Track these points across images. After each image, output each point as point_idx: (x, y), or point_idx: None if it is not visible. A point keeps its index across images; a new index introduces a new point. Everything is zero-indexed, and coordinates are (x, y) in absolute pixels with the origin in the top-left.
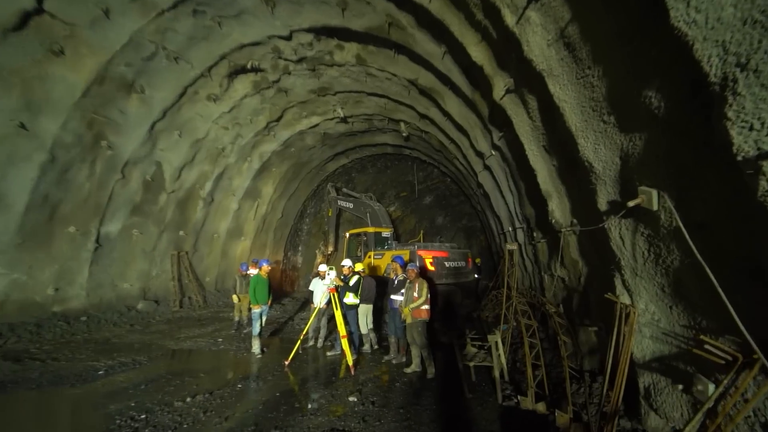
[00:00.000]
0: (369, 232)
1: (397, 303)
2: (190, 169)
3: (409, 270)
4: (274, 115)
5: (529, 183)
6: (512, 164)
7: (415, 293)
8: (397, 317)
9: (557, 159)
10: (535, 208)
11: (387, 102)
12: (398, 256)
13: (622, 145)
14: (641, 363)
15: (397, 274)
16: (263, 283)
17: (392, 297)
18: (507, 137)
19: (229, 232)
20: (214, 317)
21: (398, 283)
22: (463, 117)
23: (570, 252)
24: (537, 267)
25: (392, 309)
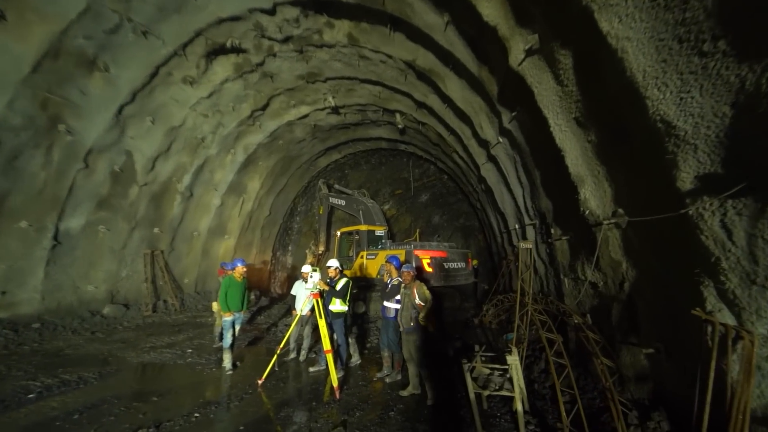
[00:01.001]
0: (362, 231)
1: (391, 311)
2: (166, 160)
3: (404, 273)
4: (259, 103)
5: (549, 169)
6: (525, 150)
7: (417, 299)
8: (390, 328)
9: (596, 132)
10: (554, 199)
11: (382, 90)
12: (393, 256)
13: (738, 83)
14: (761, 416)
15: (392, 276)
16: (237, 287)
17: (385, 304)
18: (522, 116)
19: (211, 230)
20: (191, 323)
21: (392, 287)
22: (467, 101)
23: (609, 251)
24: (553, 269)
25: (385, 318)
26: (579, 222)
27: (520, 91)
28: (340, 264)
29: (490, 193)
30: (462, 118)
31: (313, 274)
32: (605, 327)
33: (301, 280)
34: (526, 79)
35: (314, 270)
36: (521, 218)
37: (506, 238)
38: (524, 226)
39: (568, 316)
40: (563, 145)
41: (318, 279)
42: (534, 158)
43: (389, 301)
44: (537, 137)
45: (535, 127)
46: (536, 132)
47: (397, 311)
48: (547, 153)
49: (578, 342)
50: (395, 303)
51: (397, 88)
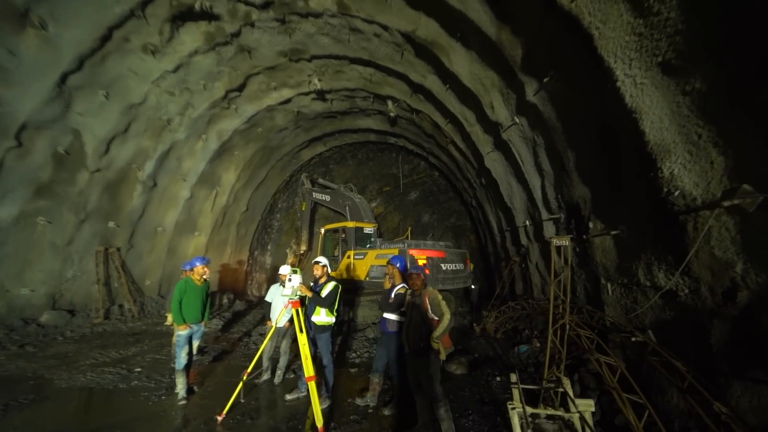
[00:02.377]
0: (348, 228)
1: (395, 325)
2: (123, 143)
3: (414, 277)
4: (234, 83)
5: (591, 147)
6: (554, 128)
7: (429, 312)
8: (392, 347)
9: (707, 76)
10: (597, 185)
11: (373, 72)
12: (396, 256)
13: None
14: None
15: (395, 283)
16: (195, 293)
17: (387, 316)
18: (555, 84)
19: (179, 226)
20: (150, 331)
21: (396, 296)
22: (475, 77)
23: (712, 246)
24: (584, 272)
25: (386, 334)
26: (643, 211)
27: (562, 44)
28: (326, 263)
29: (494, 187)
30: (466, 99)
31: (292, 277)
32: (686, 350)
33: (278, 285)
34: (582, 20)
35: (294, 272)
36: (535, 213)
37: (510, 237)
38: (541, 221)
39: (617, 332)
40: (638, 104)
41: (298, 283)
42: (568, 136)
43: (393, 313)
44: (578, 106)
45: (578, 91)
46: (578, 99)
47: (400, 326)
48: (592, 125)
49: (638, 367)
50: (399, 315)
51: (392, 68)
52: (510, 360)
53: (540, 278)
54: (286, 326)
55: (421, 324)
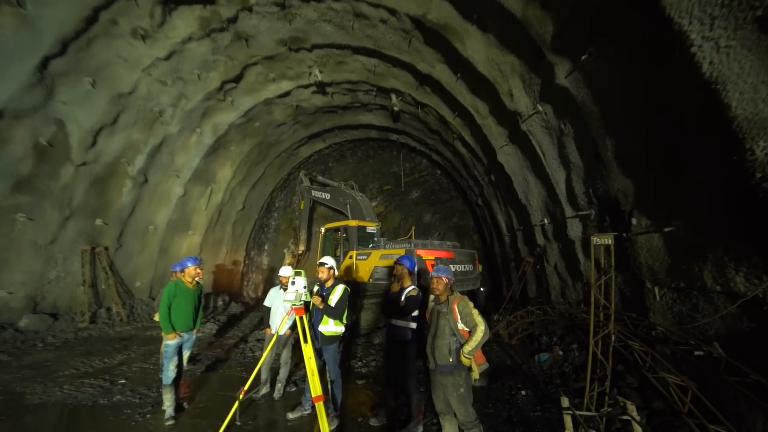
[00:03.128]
0: (350, 227)
1: (406, 333)
2: (111, 136)
3: (435, 281)
4: (230, 73)
5: (636, 132)
6: (590, 113)
7: (459, 323)
8: (403, 358)
9: None
10: (643, 176)
11: (377, 63)
12: (405, 256)
13: None
14: None
15: (403, 286)
16: (186, 297)
17: (395, 323)
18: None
19: (171, 224)
20: (139, 336)
21: (408, 300)
22: (492, 63)
23: None
24: (623, 274)
25: (395, 343)
26: (715, 203)
27: (609, 13)
28: (333, 265)
29: (506, 184)
30: (479, 89)
31: (296, 280)
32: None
33: (279, 287)
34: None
35: (297, 274)
36: (557, 210)
37: (522, 236)
38: (564, 219)
39: (670, 344)
40: (720, 73)
41: (303, 287)
42: (607, 122)
43: (402, 319)
44: (623, 86)
45: (625, 69)
46: (624, 78)
47: (413, 333)
48: (641, 107)
49: (702, 386)
50: (410, 321)
51: (397, 58)
52: (531, 370)
53: (559, 280)
54: (288, 334)
55: (449, 336)
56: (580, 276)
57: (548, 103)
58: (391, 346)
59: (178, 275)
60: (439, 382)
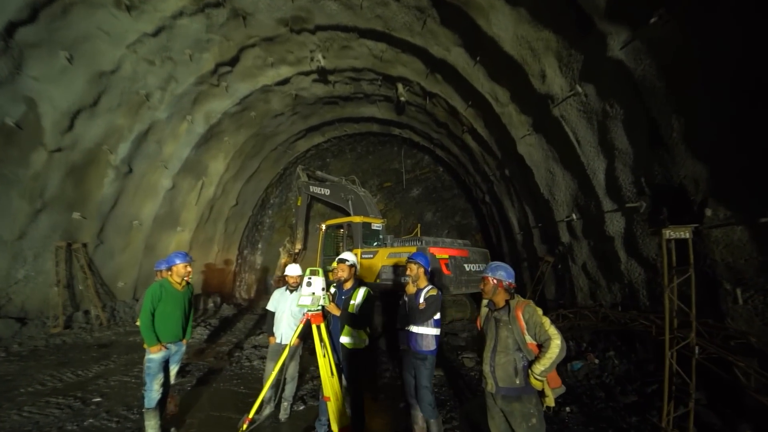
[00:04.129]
0: (355, 223)
1: (429, 342)
2: (91, 119)
3: (488, 281)
4: (226, 55)
5: (714, 109)
6: (654, 87)
7: (527, 335)
8: (421, 370)
9: None
10: (716, 160)
11: (385, 49)
12: (419, 253)
13: None
14: None
15: (419, 286)
16: (175, 301)
17: (415, 329)
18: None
19: (159, 220)
20: (121, 343)
21: (429, 300)
22: (522, 42)
23: None
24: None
25: (418, 354)
26: None
27: None
28: (354, 261)
29: (525, 177)
30: (501, 73)
31: (312, 280)
32: None
33: (284, 289)
34: None
35: (313, 273)
36: (590, 203)
37: (539, 234)
38: (601, 213)
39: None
40: None
41: (321, 289)
42: (676, 98)
43: (421, 325)
44: (700, 54)
45: (706, 32)
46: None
47: (436, 341)
48: (745, 72)
49: None
50: (432, 326)
51: (409, 41)
52: (565, 379)
53: (588, 281)
54: (296, 344)
55: (514, 352)
56: (618, 276)
57: (590, 82)
58: (411, 357)
59: (164, 275)
60: (501, 408)
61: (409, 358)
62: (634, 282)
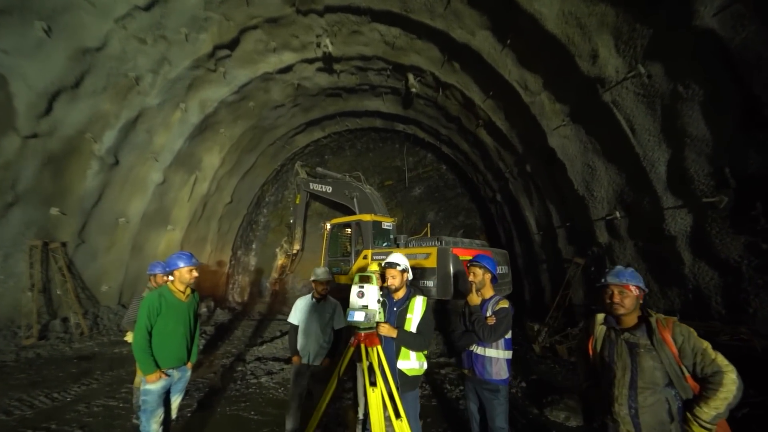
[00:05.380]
0: (365, 222)
1: (498, 368)
2: (73, 103)
3: (627, 295)
4: (225, 36)
5: None
6: (763, 55)
7: (682, 365)
8: (501, 405)
9: None
10: None
11: (399, 35)
12: (484, 256)
13: None
14: None
15: (484, 297)
16: (178, 315)
17: (481, 353)
18: None
19: (147, 217)
20: (105, 355)
21: (500, 315)
22: (569, 18)
23: None
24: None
25: (488, 384)
26: None
27: None
28: (407, 265)
29: (552, 172)
30: (539, 57)
31: (365, 289)
32: None
33: (310, 297)
34: None
35: (365, 279)
36: (643, 199)
37: (566, 234)
38: (659, 209)
39: None
40: None
41: (377, 301)
42: None
43: (490, 346)
44: None
45: None
46: None
47: (509, 366)
48: None
49: None
50: (505, 348)
51: (427, 25)
52: None
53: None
54: (325, 364)
55: (663, 389)
56: (678, 281)
57: (658, 61)
58: (476, 385)
59: (160, 280)
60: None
61: (472, 385)
62: (703, 287)
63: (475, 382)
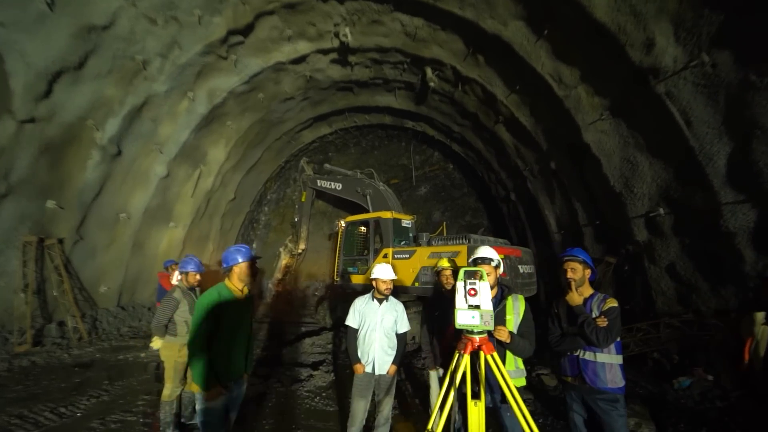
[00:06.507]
0: (385, 220)
1: (611, 374)
2: (75, 85)
3: None
4: (240, 21)
5: None
6: None
7: None
8: (621, 417)
9: None
10: None
11: (421, 25)
12: (579, 249)
13: None
14: None
15: (584, 296)
16: (241, 316)
17: (591, 359)
18: None
19: (149, 212)
20: (106, 363)
21: (611, 315)
22: (621, 7)
23: None
24: None
25: (600, 391)
26: None
27: None
28: (500, 260)
29: (581, 169)
30: (580, 47)
31: (478, 286)
32: None
33: (370, 297)
34: None
35: (472, 275)
36: (694, 195)
37: (593, 232)
38: (716, 205)
39: None
40: None
41: (489, 301)
42: None
43: (603, 351)
44: None
45: None
46: None
47: (623, 374)
48: None
49: None
50: (615, 354)
51: (456, 14)
52: (680, 401)
53: (676, 284)
54: (391, 373)
55: None
56: (735, 278)
57: (727, 48)
58: (585, 395)
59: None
60: None
61: (579, 395)
62: None
63: (584, 391)
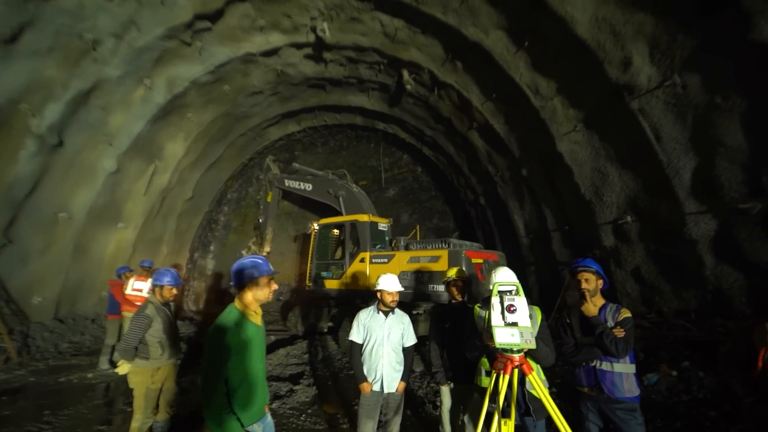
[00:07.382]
0: (361, 222)
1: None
2: (6, 62)
3: None
4: (209, 5)
5: None
6: None
7: None
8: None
9: None
10: None
11: (401, 27)
12: (590, 260)
13: None
14: None
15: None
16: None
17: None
18: None
19: (95, 212)
20: (44, 386)
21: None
22: (602, 26)
23: None
24: None
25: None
26: None
27: None
28: None
29: (551, 177)
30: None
31: (516, 302)
32: None
33: (374, 310)
34: None
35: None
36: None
37: (561, 237)
38: (679, 215)
39: None
40: None
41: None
42: None
43: (619, 361)
44: None
45: None
46: None
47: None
48: None
49: None
50: (630, 363)
51: (438, 19)
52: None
53: (641, 287)
54: (400, 391)
55: None
56: (695, 282)
57: (696, 72)
58: (602, 405)
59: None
60: None
61: (596, 405)
62: (726, 288)
63: (602, 401)
